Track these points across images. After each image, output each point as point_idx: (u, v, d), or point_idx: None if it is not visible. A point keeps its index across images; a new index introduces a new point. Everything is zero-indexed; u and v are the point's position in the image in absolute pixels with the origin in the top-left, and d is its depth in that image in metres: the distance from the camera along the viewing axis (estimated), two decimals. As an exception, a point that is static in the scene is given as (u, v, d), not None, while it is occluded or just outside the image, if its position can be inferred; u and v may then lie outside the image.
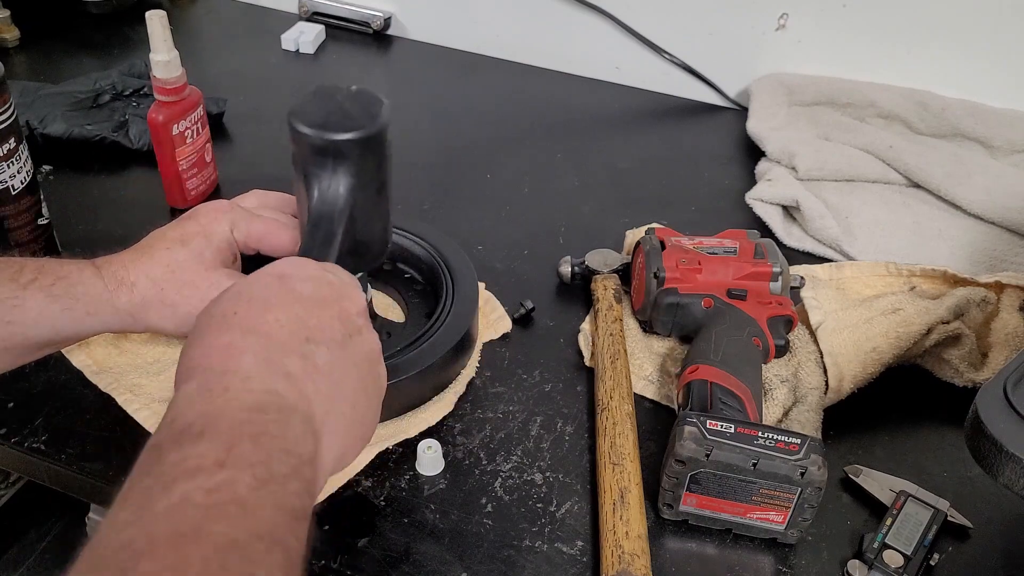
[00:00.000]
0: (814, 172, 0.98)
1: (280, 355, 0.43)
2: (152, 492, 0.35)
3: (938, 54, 1.06)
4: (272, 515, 0.36)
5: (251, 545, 0.35)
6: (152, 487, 0.36)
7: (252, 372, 0.42)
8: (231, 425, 0.39)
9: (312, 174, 0.58)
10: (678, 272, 0.74)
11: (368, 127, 0.57)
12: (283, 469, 0.38)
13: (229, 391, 0.41)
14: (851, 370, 0.72)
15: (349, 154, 0.57)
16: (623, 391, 0.69)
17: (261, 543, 0.35)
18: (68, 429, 0.68)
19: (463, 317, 0.73)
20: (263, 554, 0.35)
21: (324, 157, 0.57)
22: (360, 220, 0.60)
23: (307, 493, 0.40)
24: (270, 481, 0.37)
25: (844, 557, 0.62)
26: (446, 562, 0.60)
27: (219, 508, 0.35)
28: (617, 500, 0.61)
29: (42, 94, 1.01)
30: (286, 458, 0.39)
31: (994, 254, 0.89)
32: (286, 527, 0.37)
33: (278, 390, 0.42)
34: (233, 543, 0.34)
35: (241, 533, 0.35)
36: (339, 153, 0.57)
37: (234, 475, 0.36)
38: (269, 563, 0.35)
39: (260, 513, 0.36)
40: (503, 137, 1.09)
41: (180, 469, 0.36)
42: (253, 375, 0.42)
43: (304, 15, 1.30)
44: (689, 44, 1.15)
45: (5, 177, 0.74)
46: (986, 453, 0.52)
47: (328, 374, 0.45)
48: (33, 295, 0.58)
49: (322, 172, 0.58)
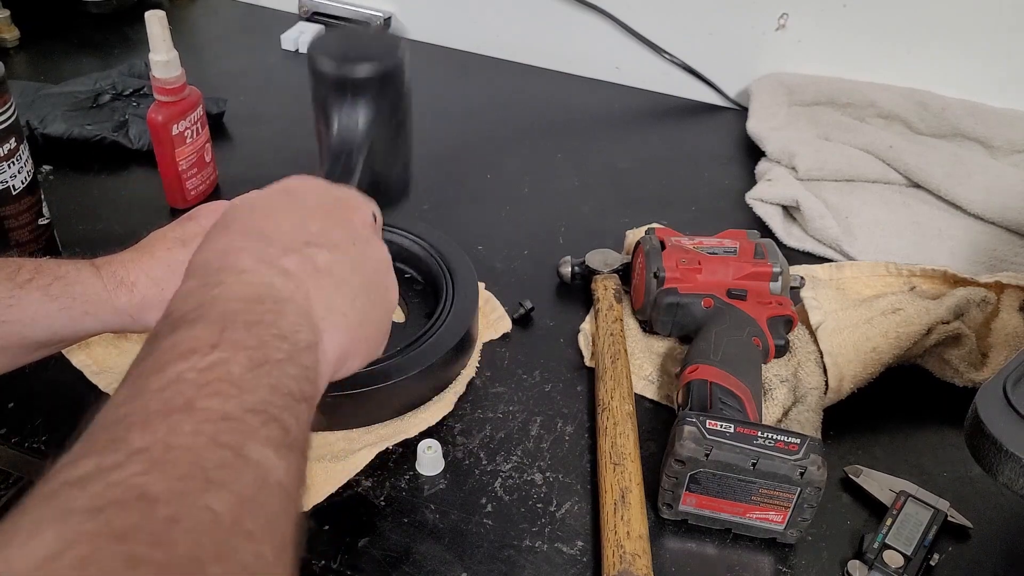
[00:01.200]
0: (814, 172, 0.98)
1: (278, 254, 0.44)
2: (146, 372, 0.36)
3: (938, 54, 1.06)
4: (267, 394, 0.36)
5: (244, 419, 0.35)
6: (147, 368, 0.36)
7: (248, 267, 0.42)
8: (225, 313, 0.39)
9: (332, 108, 0.59)
10: (678, 272, 0.74)
11: (385, 61, 0.59)
12: (278, 354, 0.39)
13: (224, 284, 0.41)
14: (851, 370, 0.72)
15: (368, 87, 0.58)
16: (624, 391, 0.69)
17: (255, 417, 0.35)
18: (68, 429, 0.67)
19: (463, 317, 0.73)
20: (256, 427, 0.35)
21: (343, 91, 0.58)
22: (379, 156, 0.61)
23: (306, 379, 0.40)
24: (265, 363, 0.37)
25: (844, 557, 0.62)
26: (446, 562, 0.60)
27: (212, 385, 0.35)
28: (618, 500, 0.61)
29: (42, 94, 1.01)
30: (282, 344, 0.39)
31: (994, 254, 0.89)
32: (282, 406, 0.37)
33: (274, 284, 0.42)
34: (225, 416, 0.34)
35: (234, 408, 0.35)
36: (357, 86, 0.58)
37: (227, 356, 0.36)
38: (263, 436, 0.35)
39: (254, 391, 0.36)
40: (503, 137, 1.09)
41: (175, 352, 0.36)
42: (249, 270, 0.42)
43: (304, 15, 1.30)
44: (689, 44, 1.15)
45: (6, 177, 0.74)
46: (986, 452, 0.52)
47: (328, 273, 0.45)
48: (30, 294, 0.58)
49: (341, 105, 0.59)
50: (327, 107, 0.60)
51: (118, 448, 0.32)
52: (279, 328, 0.40)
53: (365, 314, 0.47)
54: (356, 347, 0.46)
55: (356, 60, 0.58)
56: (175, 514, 0.30)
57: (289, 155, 1.02)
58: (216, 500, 0.31)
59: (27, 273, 0.58)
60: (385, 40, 0.61)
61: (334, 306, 0.44)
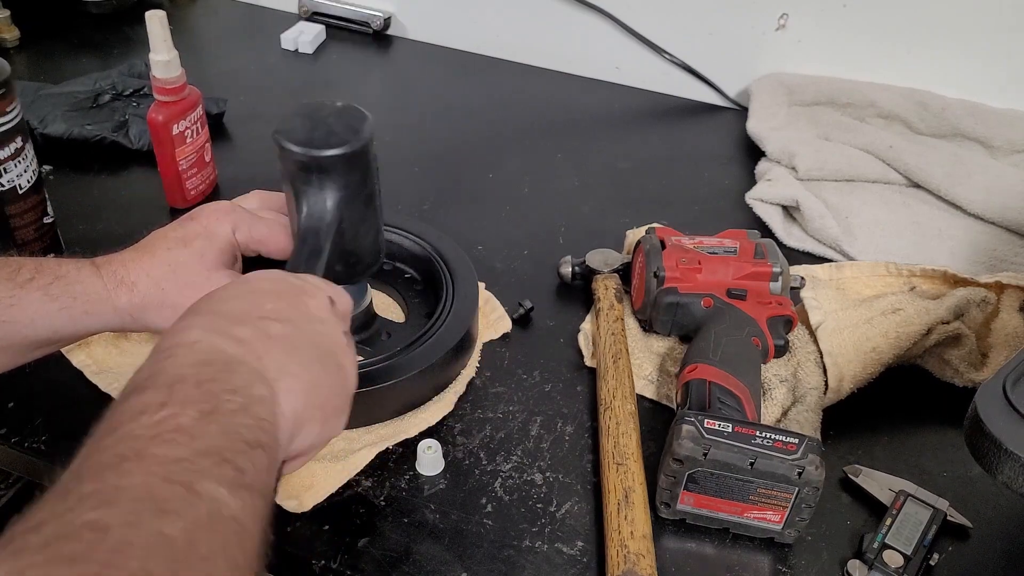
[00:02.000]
0: (814, 172, 0.98)
1: (230, 326, 0.45)
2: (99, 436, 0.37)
3: (938, 54, 1.06)
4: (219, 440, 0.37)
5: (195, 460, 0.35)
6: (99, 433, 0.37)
7: (199, 339, 0.43)
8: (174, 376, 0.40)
9: (299, 190, 0.60)
10: (678, 272, 0.74)
11: (352, 142, 0.59)
12: (230, 406, 0.39)
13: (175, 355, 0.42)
14: (851, 370, 0.72)
15: (334, 169, 0.59)
16: (625, 390, 0.69)
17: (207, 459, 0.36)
18: (68, 429, 0.68)
19: (463, 317, 0.73)
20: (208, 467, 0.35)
21: (309, 173, 0.59)
22: (349, 232, 0.62)
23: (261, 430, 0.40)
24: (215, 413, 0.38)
25: (844, 557, 0.62)
26: (446, 562, 0.60)
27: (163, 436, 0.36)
28: (621, 500, 0.61)
29: (42, 94, 1.01)
30: (233, 396, 0.40)
31: (994, 254, 0.89)
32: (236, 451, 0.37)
33: (225, 349, 0.43)
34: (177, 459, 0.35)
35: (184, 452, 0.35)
36: (324, 169, 0.59)
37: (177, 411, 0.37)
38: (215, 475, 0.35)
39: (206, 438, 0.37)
40: (503, 137, 1.09)
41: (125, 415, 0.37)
42: (200, 340, 0.43)
43: (304, 15, 1.30)
44: (689, 44, 1.15)
45: (13, 176, 0.74)
46: (985, 451, 0.52)
47: (281, 342, 0.46)
48: (30, 294, 0.58)
49: (308, 187, 0.60)
50: (295, 188, 0.60)
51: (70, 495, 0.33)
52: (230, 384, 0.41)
53: (319, 383, 0.47)
54: (311, 412, 0.46)
55: (322, 142, 0.58)
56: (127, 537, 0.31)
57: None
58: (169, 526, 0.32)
59: (27, 273, 0.58)
60: (352, 118, 0.60)
61: (287, 369, 0.45)
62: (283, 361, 0.45)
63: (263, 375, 0.43)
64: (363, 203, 0.62)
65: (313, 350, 0.48)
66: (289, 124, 0.60)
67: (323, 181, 0.59)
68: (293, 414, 0.44)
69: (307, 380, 0.46)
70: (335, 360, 0.50)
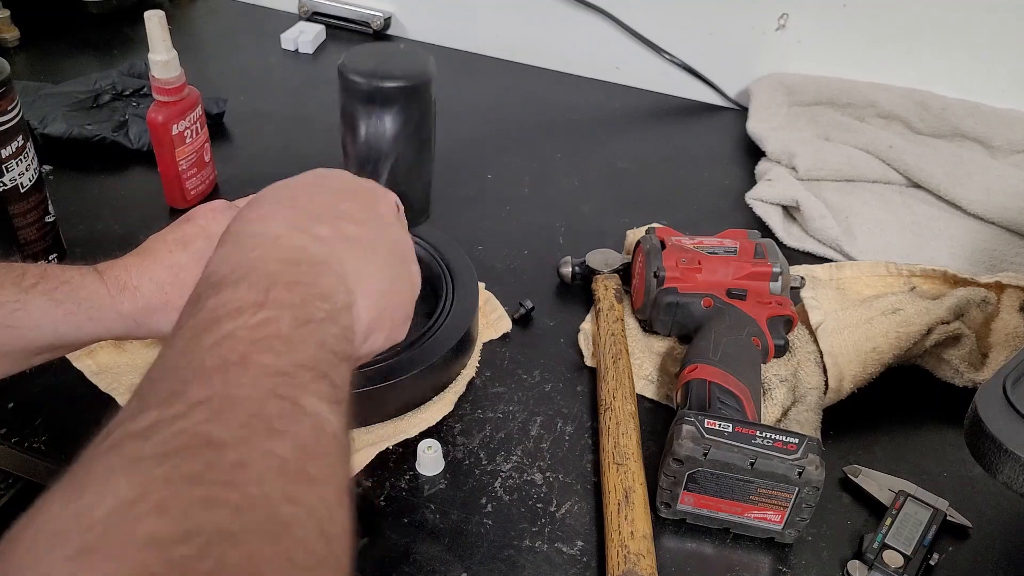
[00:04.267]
0: (814, 172, 0.98)
1: (310, 221, 0.45)
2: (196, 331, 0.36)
3: (938, 54, 1.06)
4: (315, 351, 0.37)
5: (298, 374, 0.35)
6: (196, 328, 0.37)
7: (282, 232, 0.44)
8: (266, 274, 0.40)
9: (360, 118, 0.61)
10: (678, 272, 0.74)
11: (415, 77, 0.61)
12: (320, 314, 0.40)
13: (261, 247, 0.42)
14: (851, 370, 0.72)
15: (395, 101, 0.60)
16: (626, 391, 0.69)
17: (308, 373, 0.36)
18: (68, 429, 0.68)
19: (463, 317, 0.73)
20: (310, 382, 0.36)
21: (371, 103, 0.60)
22: (402, 172, 0.63)
23: (346, 339, 0.41)
24: (309, 322, 0.38)
25: (844, 557, 0.62)
26: (446, 562, 0.60)
27: (264, 342, 0.36)
28: (622, 500, 0.61)
29: (42, 94, 1.01)
30: (322, 303, 0.40)
31: (994, 254, 0.89)
32: (329, 364, 0.38)
33: (308, 248, 0.43)
34: (280, 371, 0.35)
35: (287, 363, 0.36)
36: (386, 99, 0.60)
37: (274, 314, 0.37)
38: (316, 390, 0.35)
39: (303, 348, 0.37)
40: (503, 137, 1.09)
41: (222, 311, 0.37)
42: (283, 234, 0.44)
43: (304, 15, 1.30)
44: (689, 44, 1.15)
45: (15, 175, 0.74)
46: (985, 451, 0.52)
47: (357, 243, 0.46)
48: (35, 299, 0.57)
49: (369, 117, 0.61)
50: (355, 118, 0.61)
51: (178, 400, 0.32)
52: (319, 288, 0.41)
53: (392, 286, 0.49)
54: (383, 319, 0.47)
55: (386, 74, 0.60)
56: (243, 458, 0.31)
57: (289, 155, 1.02)
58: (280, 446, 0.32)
59: (32, 278, 0.58)
60: (416, 57, 0.62)
61: (364, 273, 0.45)
62: (361, 265, 0.45)
63: (344, 280, 0.44)
64: (418, 143, 0.63)
65: (387, 255, 0.49)
66: (354, 57, 0.61)
67: (384, 112, 0.61)
68: (367, 321, 0.45)
69: (381, 287, 0.47)
70: (406, 266, 0.51)
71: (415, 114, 0.62)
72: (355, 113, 0.61)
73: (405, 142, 0.62)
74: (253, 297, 0.38)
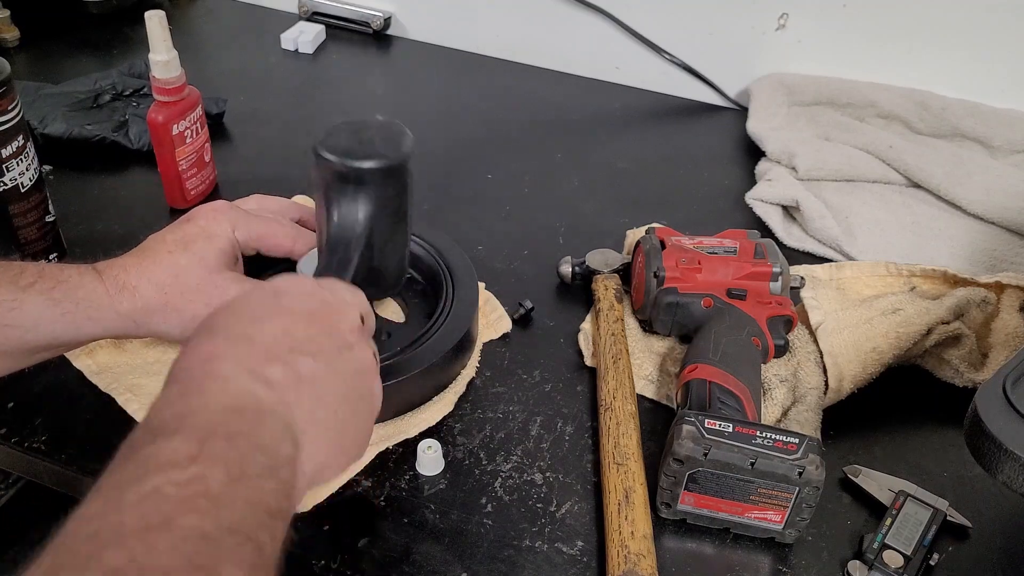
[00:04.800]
0: (814, 172, 0.98)
1: (262, 362, 0.43)
2: (122, 484, 0.35)
3: (938, 54, 1.06)
4: (244, 511, 0.36)
5: (221, 539, 0.34)
6: (123, 480, 0.36)
7: (231, 376, 0.42)
8: (205, 423, 0.39)
9: (333, 200, 0.60)
10: (678, 272, 0.74)
11: (391, 157, 0.60)
12: (257, 468, 0.38)
13: (206, 393, 0.41)
14: (851, 370, 0.72)
15: (370, 181, 0.59)
16: (626, 391, 0.69)
17: (232, 537, 0.35)
18: (68, 429, 0.68)
19: (463, 317, 0.73)
20: (233, 548, 0.34)
21: (345, 184, 0.59)
22: (377, 247, 0.62)
23: (284, 495, 0.40)
24: (243, 478, 0.37)
25: (844, 557, 0.62)
26: (446, 562, 0.60)
27: (190, 501, 0.35)
28: (622, 500, 0.61)
29: (42, 94, 1.01)
30: (261, 457, 0.39)
31: (994, 254, 0.89)
32: (259, 524, 0.37)
33: (256, 394, 0.42)
34: (203, 535, 0.34)
35: (211, 526, 0.34)
36: (360, 180, 0.59)
37: (206, 470, 0.36)
38: (239, 558, 0.34)
39: (232, 508, 0.36)
40: (503, 137, 1.09)
41: (152, 463, 0.36)
42: (231, 378, 0.42)
43: (304, 15, 1.30)
44: (689, 44, 1.15)
45: (15, 175, 0.74)
46: (985, 451, 0.52)
47: (311, 383, 0.45)
48: (33, 298, 0.57)
49: (343, 198, 0.60)
50: (328, 198, 0.61)
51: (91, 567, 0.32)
52: (259, 439, 0.40)
53: (346, 424, 0.47)
54: (335, 458, 0.46)
55: (361, 156, 0.59)
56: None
57: (288, 155, 1.02)
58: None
59: (30, 277, 0.58)
60: (393, 133, 0.61)
61: (316, 418, 0.44)
62: (312, 408, 0.44)
63: (291, 427, 0.42)
64: (394, 219, 0.62)
65: (342, 387, 0.47)
66: (330, 135, 0.60)
67: (358, 192, 0.60)
68: (315, 462, 0.44)
69: (334, 427, 0.46)
70: (363, 389, 0.49)
71: (391, 193, 0.61)
72: (328, 191, 0.60)
73: (382, 221, 0.61)
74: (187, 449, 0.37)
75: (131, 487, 0.35)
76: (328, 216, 0.61)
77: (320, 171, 0.60)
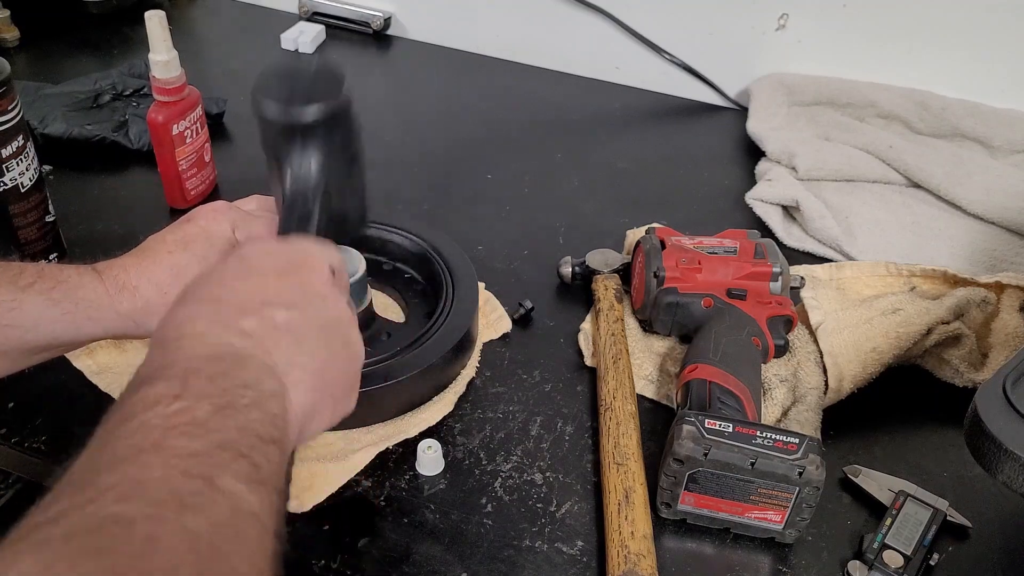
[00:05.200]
0: (814, 172, 0.98)
1: (235, 316, 0.44)
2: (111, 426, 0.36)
3: (938, 54, 1.06)
4: (235, 434, 0.37)
5: (213, 454, 0.35)
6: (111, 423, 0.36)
7: (206, 331, 0.43)
8: (186, 368, 0.39)
9: (283, 154, 0.59)
10: (678, 272, 0.74)
11: (332, 101, 0.58)
12: (243, 400, 0.39)
13: (184, 348, 0.41)
14: (851, 370, 0.72)
15: (317, 131, 0.58)
16: (626, 391, 0.69)
17: (225, 453, 0.35)
18: (68, 429, 0.68)
19: (463, 317, 0.73)
20: (227, 462, 0.35)
21: (292, 136, 0.58)
22: (335, 194, 0.60)
23: (274, 425, 0.40)
24: (229, 407, 0.38)
25: (844, 557, 0.62)
26: (446, 562, 0.60)
27: (179, 428, 0.35)
28: (622, 500, 0.61)
29: (42, 94, 1.01)
30: (245, 391, 0.39)
31: (994, 254, 0.89)
32: (251, 446, 0.37)
33: (233, 343, 0.42)
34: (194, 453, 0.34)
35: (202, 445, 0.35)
36: (307, 131, 0.57)
37: (191, 404, 0.37)
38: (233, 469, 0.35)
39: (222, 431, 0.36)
40: (503, 137, 1.09)
41: (138, 405, 0.37)
42: (207, 333, 0.43)
43: (304, 15, 1.30)
44: (689, 44, 1.15)
45: (15, 175, 0.74)
46: (985, 451, 0.52)
47: (287, 331, 0.45)
48: (32, 298, 0.57)
49: (291, 151, 0.59)
50: (278, 154, 0.59)
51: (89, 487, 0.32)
52: (242, 379, 0.40)
53: (328, 369, 0.47)
54: (322, 402, 0.46)
55: (302, 102, 0.57)
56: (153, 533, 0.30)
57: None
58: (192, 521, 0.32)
59: (29, 277, 0.58)
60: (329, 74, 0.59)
61: (295, 361, 0.44)
62: (291, 352, 0.44)
63: (272, 369, 0.43)
64: (347, 162, 0.61)
65: (320, 334, 0.47)
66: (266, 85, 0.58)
67: (306, 143, 0.58)
68: (303, 405, 0.44)
69: (316, 369, 0.46)
70: (342, 338, 0.49)
71: (340, 137, 0.60)
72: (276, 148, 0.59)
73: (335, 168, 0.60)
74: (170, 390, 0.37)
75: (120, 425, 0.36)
76: (281, 172, 0.59)
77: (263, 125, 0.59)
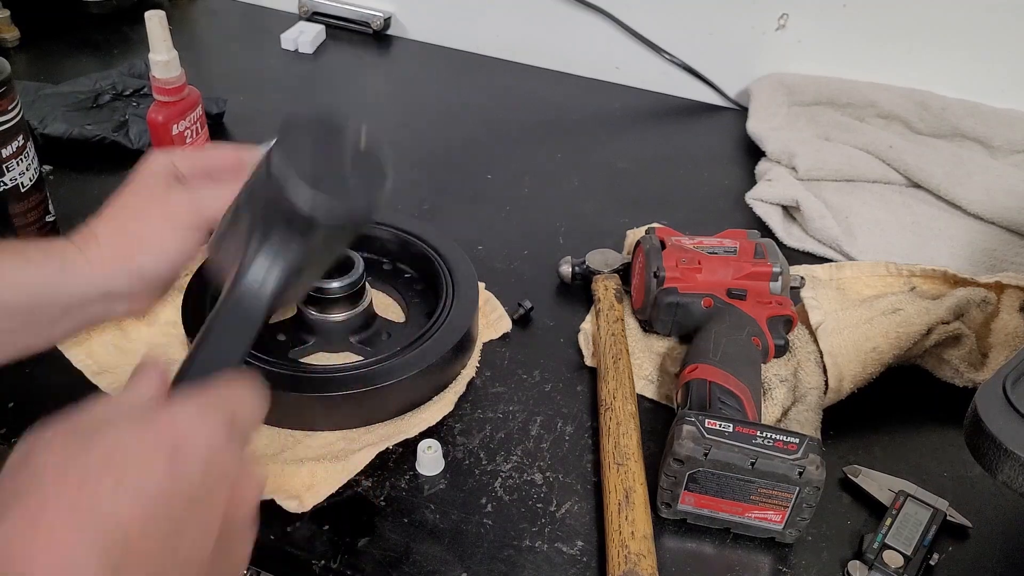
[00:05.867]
0: (814, 172, 0.98)
1: None
2: None
3: (938, 54, 1.06)
4: None
5: None
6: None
7: None
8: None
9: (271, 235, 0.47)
10: (678, 272, 0.74)
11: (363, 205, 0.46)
12: None
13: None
14: (851, 370, 0.72)
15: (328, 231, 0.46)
16: (626, 391, 0.69)
17: None
18: (68, 429, 0.67)
19: (463, 317, 0.73)
20: None
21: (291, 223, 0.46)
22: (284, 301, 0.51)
23: None
24: None
25: (844, 557, 0.62)
26: (446, 562, 0.60)
27: None
28: (622, 500, 0.61)
29: (42, 94, 1.01)
30: None
31: (994, 254, 0.89)
32: None
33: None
34: None
35: None
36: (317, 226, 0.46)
37: None
38: None
39: None
40: (503, 137, 1.09)
41: None
42: None
43: (304, 15, 1.30)
44: (689, 44, 1.15)
45: (15, 175, 0.74)
46: (985, 451, 0.52)
47: None
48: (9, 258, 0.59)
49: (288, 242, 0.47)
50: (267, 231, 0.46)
51: None
52: None
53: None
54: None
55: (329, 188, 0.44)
56: None
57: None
58: None
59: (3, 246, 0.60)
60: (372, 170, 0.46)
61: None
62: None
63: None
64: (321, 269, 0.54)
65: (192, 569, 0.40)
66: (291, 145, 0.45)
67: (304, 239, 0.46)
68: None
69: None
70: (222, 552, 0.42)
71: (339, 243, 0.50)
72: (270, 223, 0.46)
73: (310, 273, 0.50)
74: None
75: None
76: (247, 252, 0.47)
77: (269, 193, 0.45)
